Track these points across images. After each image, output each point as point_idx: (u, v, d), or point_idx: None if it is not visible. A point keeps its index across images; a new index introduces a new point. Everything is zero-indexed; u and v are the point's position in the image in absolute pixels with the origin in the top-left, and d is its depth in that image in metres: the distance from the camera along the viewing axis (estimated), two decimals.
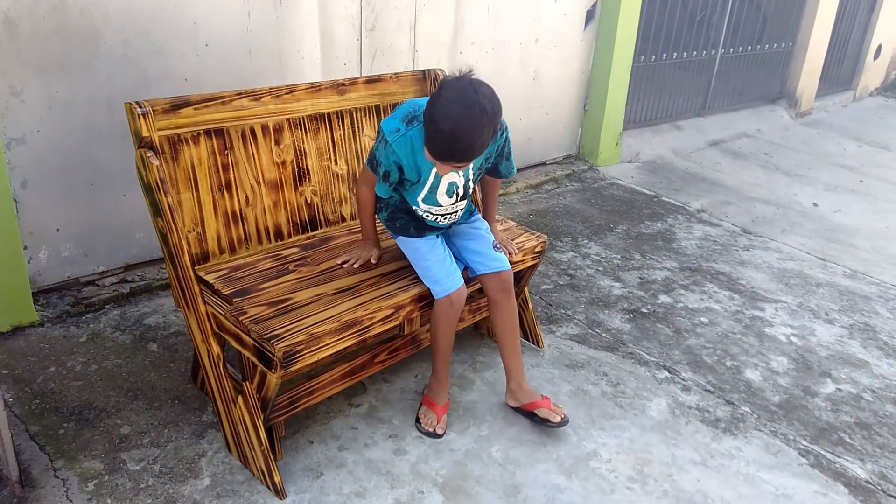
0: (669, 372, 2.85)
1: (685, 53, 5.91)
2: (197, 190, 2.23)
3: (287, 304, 2.12)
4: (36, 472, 2.09)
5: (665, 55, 5.69)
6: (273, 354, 1.92)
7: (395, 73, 2.77)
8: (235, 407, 2.10)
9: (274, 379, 1.98)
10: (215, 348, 2.14)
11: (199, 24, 2.98)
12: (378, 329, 2.20)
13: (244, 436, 2.11)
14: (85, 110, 2.79)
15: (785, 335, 3.21)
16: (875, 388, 2.88)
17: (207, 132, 2.24)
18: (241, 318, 2.03)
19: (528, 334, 2.91)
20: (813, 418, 2.65)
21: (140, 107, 2.06)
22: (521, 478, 2.22)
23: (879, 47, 8.42)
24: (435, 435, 2.36)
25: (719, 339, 3.12)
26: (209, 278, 2.19)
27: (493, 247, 2.39)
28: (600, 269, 3.67)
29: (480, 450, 2.33)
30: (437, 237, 2.37)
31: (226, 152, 2.29)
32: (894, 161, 6.23)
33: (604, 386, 2.71)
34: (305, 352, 1.99)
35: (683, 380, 2.80)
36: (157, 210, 2.09)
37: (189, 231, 2.23)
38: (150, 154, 2.06)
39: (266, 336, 1.95)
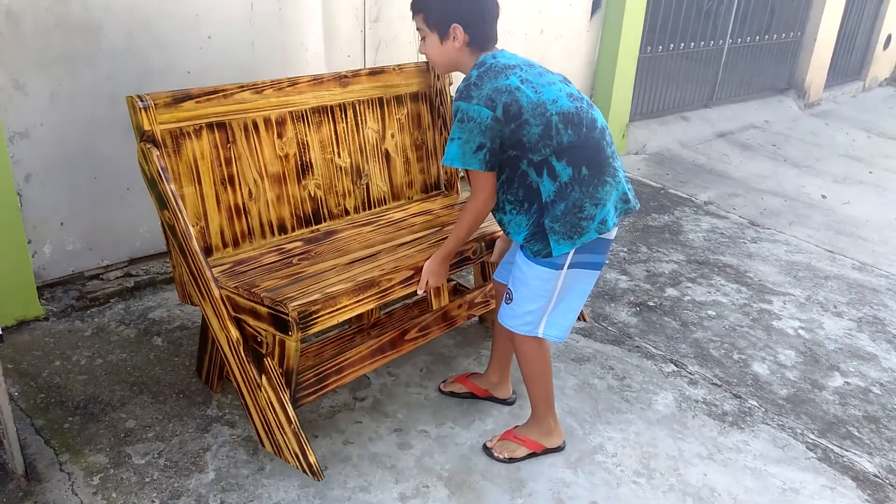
0: (676, 365, 2.83)
1: (692, 44, 5.86)
2: (200, 184, 2.22)
3: (301, 274, 2.13)
4: (41, 466, 2.09)
5: (672, 45, 5.64)
6: (287, 315, 1.91)
7: (399, 65, 2.75)
8: (261, 391, 2.06)
9: (293, 344, 1.94)
10: (234, 332, 2.09)
11: (201, 17, 2.96)
12: (398, 291, 2.15)
13: (273, 420, 2.07)
14: (88, 104, 2.78)
15: (793, 328, 3.18)
16: (884, 381, 2.85)
17: (210, 125, 2.22)
18: (253, 290, 2.02)
19: None
20: (821, 412, 2.63)
21: (141, 100, 2.05)
22: (527, 472, 2.21)
23: (889, 37, 8.34)
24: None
25: (726, 333, 3.10)
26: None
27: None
28: (606, 261, 3.65)
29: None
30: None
31: (228, 146, 2.27)
32: None
33: (610, 380, 2.70)
34: (322, 312, 1.97)
35: (690, 373, 2.79)
36: (162, 202, 2.07)
37: (193, 225, 2.22)
38: (150, 147, 2.05)
39: (279, 299, 1.95)
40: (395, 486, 2.13)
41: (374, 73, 2.67)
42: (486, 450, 2.27)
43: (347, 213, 2.64)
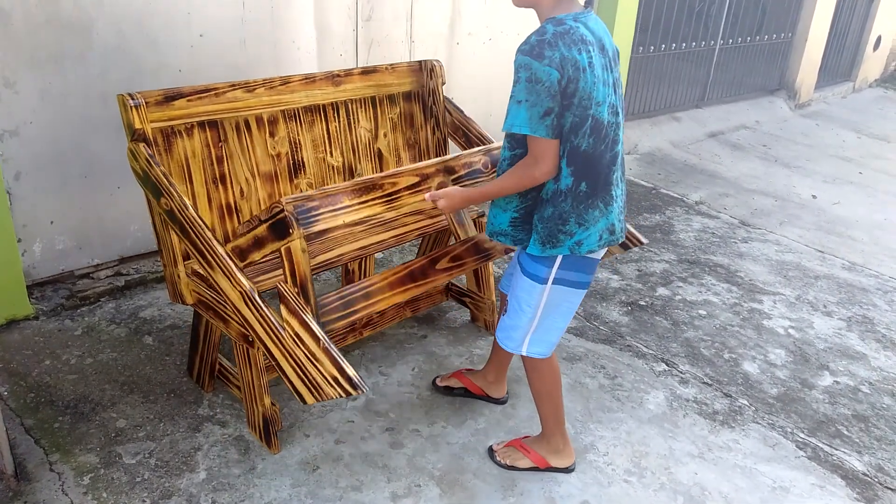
0: (667, 365, 2.84)
1: (684, 44, 5.88)
2: (191, 182, 2.21)
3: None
4: (31, 466, 2.08)
5: (664, 46, 5.66)
6: (283, 211, 1.83)
7: (391, 64, 2.75)
8: (285, 329, 1.89)
9: (297, 244, 1.83)
10: (246, 284, 1.94)
11: (192, 15, 2.95)
12: (407, 198, 2.06)
13: (303, 354, 1.86)
14: (79, 102, 2.76)
15: (783, 328, 3.20)
16: (873, 380, 2.87)
17: (201, 124, 2.22)
18: (249, 222, 1.98)
19: None
20: (810, 411, 2.65)
21: (132, 99, 2.04)
22: (518, 471, 2.22)
23: (879, 38, 8.39)
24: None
25: (717, 332, 3.11)
26: (203, 272, 2.17)
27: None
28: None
29: (478, 443, 2.32)
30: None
31: (220, 144, 2.27)
32: (893, 153, 6.22)
33: (601, 379, 2.71)
34: (322, 210, 1.89)
35: (681, 372, 2.80)
36: (156, 190, 2.03)
37: None
38: (141, 146, 2.04)
39: (273, 203, 1.88)
40: (387, 485, 2.13)
41: (367, 72, 2.66)
42: (491, 452, 2.27)
43: None
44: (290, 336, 1.89)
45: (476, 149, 2.34)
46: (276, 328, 1.91)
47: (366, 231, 2.57)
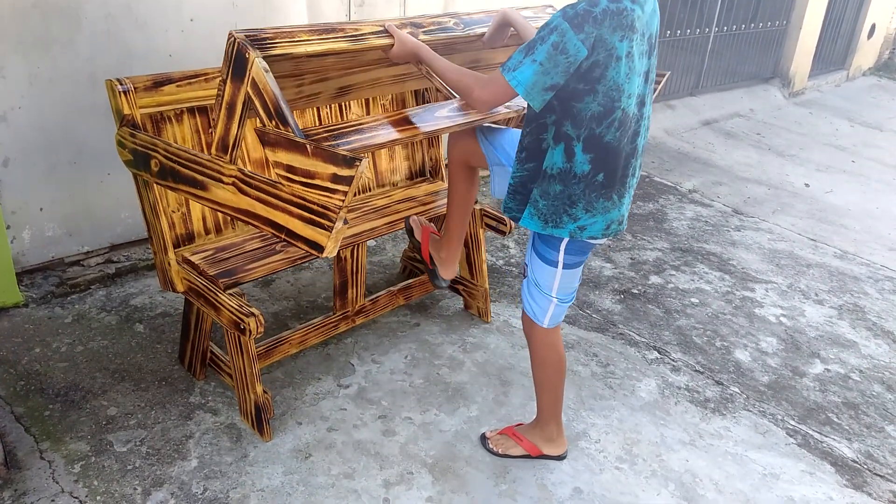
0: (659, 353, 2.85)
1: (678, 31, 5.86)
2: None
3: None
4: (22, 454, 2.07)
5: None
6: (235, 40, 1.70)
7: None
8: (278, 177, 1.74)
9: (258, 66, 1.69)
10: (234, 168, 1.83)
11: None
12: (373, 39, 1.94)
13: (300, 186, 1.70)
14: (67, 87, 2.73)
15: (775, 316, 3.21)
16: (863, 368, 2.89)
17: (191, 110, 2.20)
18: (217, 95, 1.83)
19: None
20: (801, 398, 2.66)
21: (121, 84, 2.01)
22: (511, 458, 2.22)
23: (873, 26, 8.39)
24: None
25: (709, 320, 3.12)
26: (194, 259, 2.16)
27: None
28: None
29: (470, 430, 2.32)
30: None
31: (210, 130, 2.24)
32: (886, 141, 6.23)
33: (594, 367, 2.71)
34: (278, 40, 1.77)
35: (673, 360, 2.81)
36: (144, 158, 1.96)
37: (174, 211, 2.20)
38: (127, 131, 2.01)
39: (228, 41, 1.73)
40: (380, 472, 2.13)
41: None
42: (483, 439, 2.27)
43: None
44: (283, 175, 1.74)
45: (443, 13, 2.25)
46: (270, 184, 1.76)
47: (359, 218, 2.56)
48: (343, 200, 1.62)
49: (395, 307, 2.84)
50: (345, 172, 1.59)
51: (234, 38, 1.70)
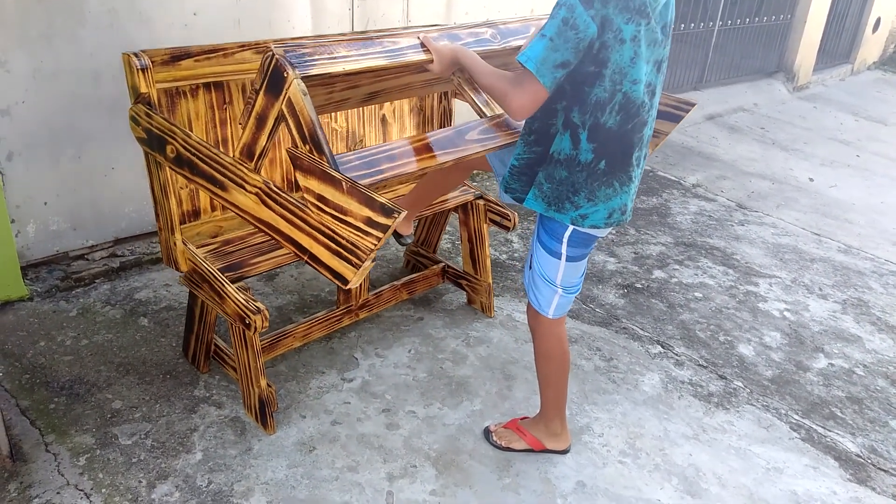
0: (663, 347, 2.85)
1: (682, 25, 5.84)
2: None
3: None
4: (27, 447, 2.08)
5: None
6: (273, 55, 1.70)
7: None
8: (307, 202, 1.73)
9: (296, 88, 1.69)
10: (259, 178, 1.83)
11: None
12: (411, 55, 1.96)
13: (330, 217, 1.69)
14: (71, 81, 2.73)
15: (778, 310, 3.21)
16: (867, 362, 2.89)
17: (206, 85, 2.17)
18: (247, 104, 1.85)
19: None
20: (805, 393, 2.66)
21: (138, 59, 1.96)
22: (514, 452, 2.23)
23: (878, 20, 8.34)
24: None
25: (713, 314, 3.12)
26: (200, 252, 2.16)
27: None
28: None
29: (473, 424, 2.33)
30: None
31: (224, 107, 2.23)
32: (891, 136, 6.20)
33: (597, 361, 2.71)
34: (317, 56, 1.77)
35: (677, 355, 2.81)
36: (160, 141, 1.96)
37: (182, 188, 2.19)
38: (141, 108, 1.98)
39: (264, 56, 1.77)
40: (384, 465, 2.14)
41: None
42: (487, 433, 2.27)
43: None
44: (313, 202, 1.71)
45: (481, 21, 2.22)
46: (298, 207, 1.74)
47: None
48: (376, 245, 1.60)
49: (399, 301, 2.84)
50: (381, 220, 1.56)
51: (273, 53, 1.69)
